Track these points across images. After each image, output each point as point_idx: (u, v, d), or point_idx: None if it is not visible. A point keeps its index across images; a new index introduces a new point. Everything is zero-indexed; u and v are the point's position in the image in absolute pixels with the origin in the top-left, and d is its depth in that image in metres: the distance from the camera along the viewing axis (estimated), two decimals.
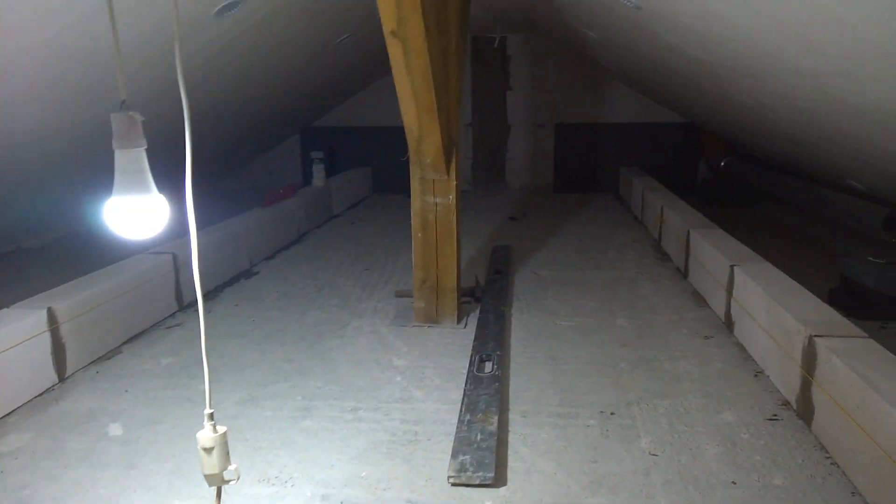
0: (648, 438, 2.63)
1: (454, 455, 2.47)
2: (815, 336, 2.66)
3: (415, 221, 3.79)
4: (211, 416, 1.71)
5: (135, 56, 3.47)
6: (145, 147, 1.68)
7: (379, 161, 8.39)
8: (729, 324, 3.74)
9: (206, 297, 4.49)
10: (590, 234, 6.24)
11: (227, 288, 4.71)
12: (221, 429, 1.73)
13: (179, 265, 4.21)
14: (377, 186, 8.61)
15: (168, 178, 2.29)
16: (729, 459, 2.46)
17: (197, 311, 4.23)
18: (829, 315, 2.91)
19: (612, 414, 2.83)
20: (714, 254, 4.08)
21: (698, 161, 8.21)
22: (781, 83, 3.41)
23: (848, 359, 2.42)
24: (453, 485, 2.35)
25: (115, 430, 2.77)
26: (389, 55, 3.03)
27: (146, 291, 3.91)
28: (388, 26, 2.89)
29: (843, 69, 2.60)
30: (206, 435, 1.69)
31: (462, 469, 2.38)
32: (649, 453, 2.52)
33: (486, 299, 4.25)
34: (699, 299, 4.29)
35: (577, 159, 8.42)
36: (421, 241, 3.81)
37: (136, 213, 1.69)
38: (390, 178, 8.09)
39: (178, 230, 2.35)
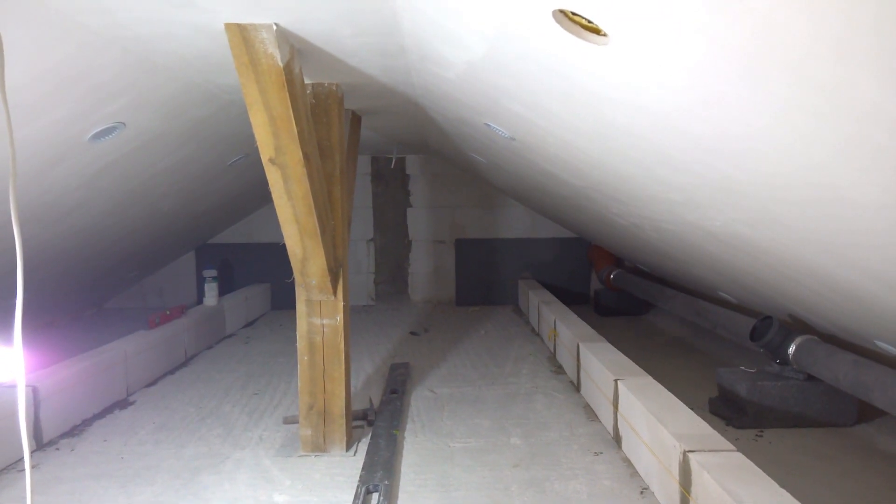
0: None
1: None
2: (689, 451, 2.72)
3: (301, 344, 3.69)
4: None
5: None
6: None
7: (277, 277, 8.25)
8: (617, 438, 3.79)
9: (70, 433, 4.08)
10: (488, 347, 6.29)
11: (97, 421, 4.30)
12: None
13: (41, 399, 3.83)
14: (276, 303, 8.41)
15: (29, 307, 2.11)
16: None
17: (58, 448, 3.85)
18: (703, 429, 3.01)
19: None
20: (600, 368, 4.20)
21: (590, 273, 8.64)
22: (644, 207, 3.71)
23: (718, 474, 2.48)
24: None
25: None
26: (269, 181, 3.07)
27: None
28: (265, 154, 2.95)
29: (687, 198, 2.87)
30: None
31: None
32: None
33: (379, 422, 4.11)
34: (591, 413, 4.34)
35: (477, 273, 8.66)
36: (307, 365, 3.69)
37: None
38: (289, 295, 7.86)
39: (46, 360, 2.15)
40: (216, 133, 4.59)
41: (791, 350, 3.94)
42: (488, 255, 8.65)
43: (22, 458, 3.64)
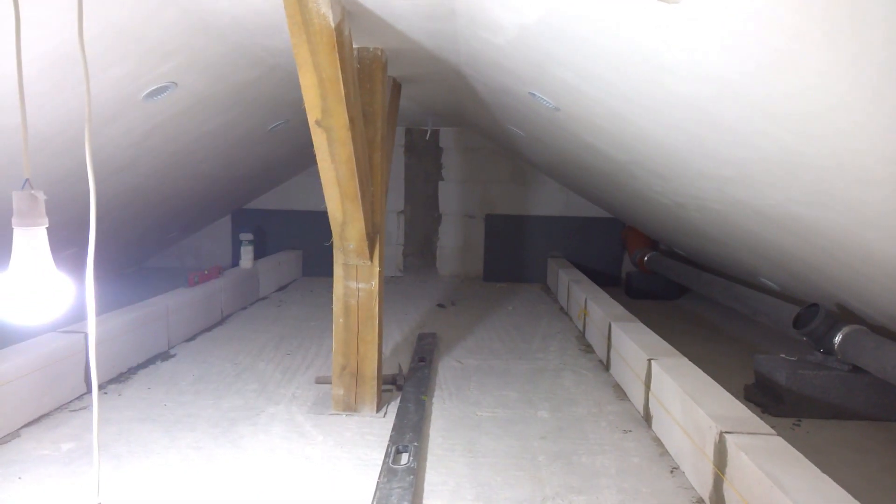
0: None
1: None
2: (726, 432, 2.69)
3: (336, 307, 3.73)
4: None
5: (55, 139, 3.40)
6: (46, 225, 1.61)
7: (309, 244, 8.36)
8: (647, 418, 3.77)
9: (117, 379, 4.23)
10: (516, 323, 6.28)
11: (141, 370, 4.44)
12: None
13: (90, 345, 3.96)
14: (307, 269, 8.50)
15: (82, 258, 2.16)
16: None
17: (106, 392, 4.00)
18: (741, 412, 2.97)
19: None
20: (633, 347, 4.16)
21: (623, 255, 8.55)
22: (690, 185, 3.64)
23: (756, 456, 2.45)
24: None
25: None
26: (314, 143, 3.07)
27: (53, 372, 3.66)
28: (312, 116, 2.95)
29: (740, 174, 2.80)
30: None
31: None
32: None
33: (407, 388, 4.15)
34: (620, 392, 4.32)
35: (507, 250, 8.62)
36: (342, 327, 3.73)
37: (33, 293, 1.58)
38: (320, 262, 8.03)
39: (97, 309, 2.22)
40: (259, 97, 4.61)
41: (837, 339, 3.85)
42: (518, 231, 8.61)
43: (73, 400, 3.81)
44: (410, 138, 8.50)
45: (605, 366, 4.87)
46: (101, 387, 4.06)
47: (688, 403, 3.12)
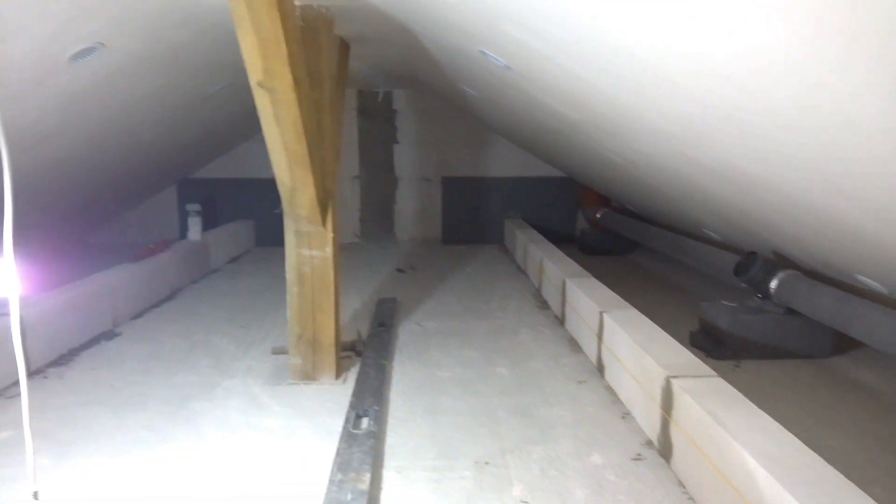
0: (521, 486, 2.63)
1: None
2: (672, 377, 2.80)
3: (290, 275, 3.69)
4: (35, 496, 1.52)
5: None
6: None
7: (263, 214, 8.19)
8: (600, 368, 3.88)
9: (58, 362, 4.09)
10: (475, 284, 6.35)
11: (85, 351, 4.31)
12: None
13: (25, 328, 3.81)
14: (261, 240, 8.36)
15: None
16: (595, 501, 2.51)
17: (46, 377, 3.86)
18: (686, 357, 3.09)
19: (486, 464, 2.82)
20: (586, 302, 4.26)
21: (577, 213, 8.67)
22: (641, 142, 3.69)
23: (699, 397, 2.56)
24: None
25: None
26: (257, 106, 2.99)
27: None
28: (254, 77, 2.86)
29: (688, 130, 2.85)
30: None
31: None
32: (520, 501, 2.52)
33: (367, 353, 4.17)
34: (575, 345, 4.43)
35: (464, 212, 8.65)
36: (296, 296, 3.69)
37: None
38: (274, 231, 7.80)
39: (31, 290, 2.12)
40: (197, 59, 4.44)
41: (773, 285, 4.02)
42: (476, 193, 8.62)
43: (9, 386, 3.65)
44: (363, 101, 8.35)
45: (561, 321, 4.98)
46: (40, 371, 3.90)
47: (637, 352, 3.22)
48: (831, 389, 3.70)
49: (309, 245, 3.64)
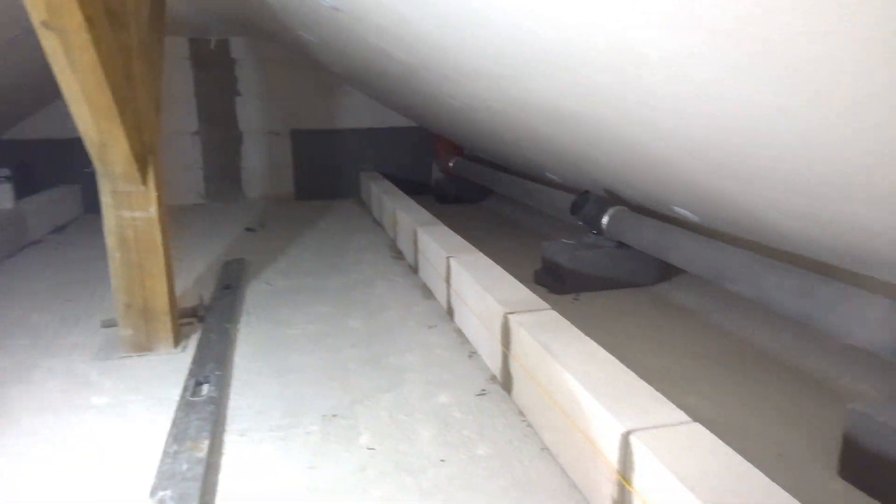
0: (368, 434, 2.64)
1: (153, 493, 2.20)
2: (509, 313, 2.91)
3: (110, 240, 3.36)
4: None
5: None
6: None
7: (91, 177, 7.39)
8: (450, 312, 3.97)
9: None
10: (329, 240, 6.21)
11: None
12: None
13: None
14: (90, 206, 7.56)
15: None
16: (441, 440, 2.58)
17: None
18: (524, 294, 3.23)
19: (334, 416, 2.80)
20: (435, 248, 4.31)
21: (432, 163, 8.71)
22: (473, 85, 3.70)
23: (532, 330, 2.69)
24: None
25: None
26: (45, 51, 2.62)
27: None
28: (36, 15, 2.50)
29: (512, 71, 2.89)
30: None
31: None
32: (367, 448, 2.53)
33: (211, 318, 3.95)
34: (427, 293, 4.49)
35: (317, 166, 8.38)
36: (120, 262, 3.38)
37: None
38: None
39: None
40: None
41: (605, 220, 4.29)
42: (328, 146, 8.36)
43: None
44: (196, 49, 7.70)
45: (415, 270, 5.02)
46: None
47: (480, 293, 3.32)
48: (656, 313, 4.06)
49: (130, 206, 3.32)
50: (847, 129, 1.64)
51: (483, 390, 2.99)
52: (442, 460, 2.42)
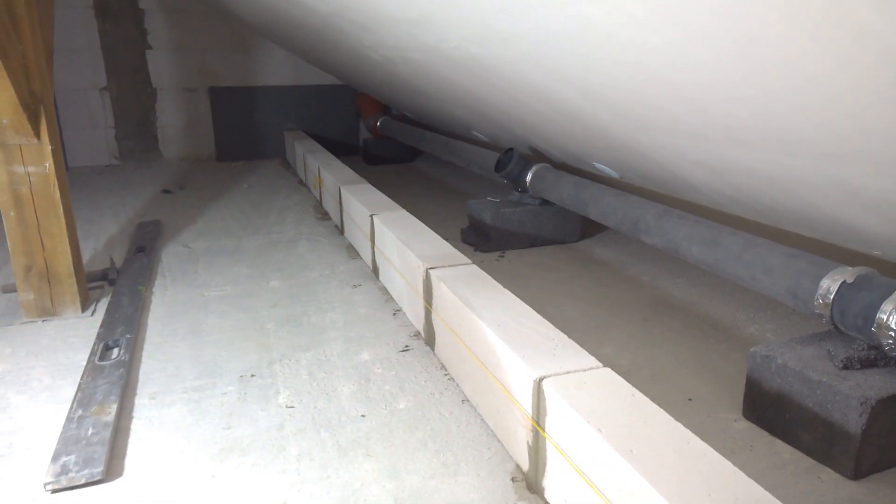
0: (287, 393, 2.59)
1: (55, 458, 2.11)
2: (430, 269, 2.90)
3: (4, 198, 3.12)
4: None
5: None
6: None
7: None
8: (375, 271, 3.93)
9: None
10: (251, 200, 6.01)
11: None
12: None
13: None
14: None
15: None
16: (361, 395, 2.56)
17: None
18: (446, 250, 3.21)
19: (252, 376, 2.73)
20: (359, 207, 4.23)
21: (358, 123, 8.51)
22: (389, 34, 3.60)
23: (452, 284, 2.69)
24: (53, 491, 2.01)
25: None
26: None
27: None
28: None
29: (422, 16, 2.81)
30: None
31: (63, 471, 2.04)
32: (286, 407, 2.48)
33: (122, 281, 3.76)
34: (353, 252, 4.42)
35: (239, 125, 8.03)
36: (15, 221, 3.15)
37: None
38: None
39: None
40: None
41: (528, 178, 4.32)
42: (249, 104, 8.02)
43: None
44: None
45: (340, 230, 4.93)
46: None
47: (403, 250, 3.29)
48: (578, 268, 4.15)
49: (22, 161, 3.08)
50: (735, 72, 1.68)
51: (406, 346, 2.99)
52: (362, 416, 2.41)
